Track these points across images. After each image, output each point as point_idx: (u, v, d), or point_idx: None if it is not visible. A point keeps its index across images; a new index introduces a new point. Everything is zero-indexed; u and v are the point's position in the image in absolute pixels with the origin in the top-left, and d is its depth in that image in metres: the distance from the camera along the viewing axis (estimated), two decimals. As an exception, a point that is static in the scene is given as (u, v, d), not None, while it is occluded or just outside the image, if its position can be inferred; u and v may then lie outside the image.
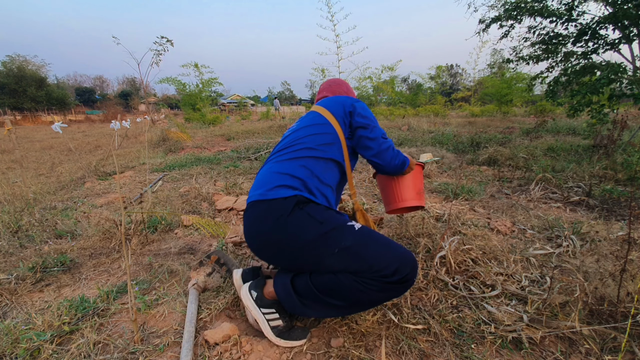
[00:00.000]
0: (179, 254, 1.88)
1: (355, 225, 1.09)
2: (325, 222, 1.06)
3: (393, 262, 1.01)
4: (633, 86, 3.99)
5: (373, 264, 1.00)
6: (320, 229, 1.05)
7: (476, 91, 19.76)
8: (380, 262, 1.01)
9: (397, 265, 1.00)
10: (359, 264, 1.01)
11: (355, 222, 1.11)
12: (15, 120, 19.32)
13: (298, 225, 1.05)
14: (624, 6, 3.98)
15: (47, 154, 6.23)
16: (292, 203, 1.08)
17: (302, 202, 1.10)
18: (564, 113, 7.92)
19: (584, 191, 2.72)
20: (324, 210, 1.11)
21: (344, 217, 1.12)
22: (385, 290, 1.03)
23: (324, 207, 1.12)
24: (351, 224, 1.09)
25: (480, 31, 5.62)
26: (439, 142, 5.75)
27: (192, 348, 1.09)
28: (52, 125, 2.51)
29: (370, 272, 1.00)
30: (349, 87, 1.59)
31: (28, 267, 1.67)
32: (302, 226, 1.05)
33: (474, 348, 1.10)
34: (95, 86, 64.74)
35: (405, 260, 1.03)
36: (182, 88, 13.07)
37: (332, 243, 1.04)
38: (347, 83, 1.59)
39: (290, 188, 1.12)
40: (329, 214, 1.10)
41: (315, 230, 1.05)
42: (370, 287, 1.01)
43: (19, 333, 1.19)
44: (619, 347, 1.06)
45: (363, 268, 1.01)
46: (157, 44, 10.92)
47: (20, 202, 2.78)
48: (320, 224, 1.05)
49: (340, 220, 1.09)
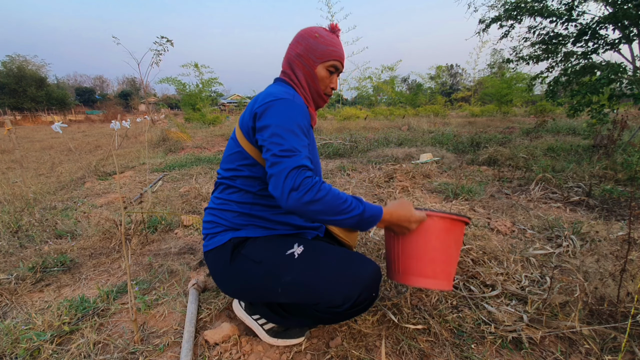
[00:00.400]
0: (179, 254, 1.88)
1: (295, 253, 0.98)
2: (263, 261, 0.99)
3: (339, 290, 0.90)
4: (633, 86, 3.99)
5: (318, 299, 0.93)
6: (260, 269, 0.98)
7: (476, 91, 19.78)
8: (325, 293, 0.92)
9: (344, 292, 0.90)
10: (304, 299, 0.95)
11: (296, 247, 0.99)
12: (15, 120, 19.32)
13: (240, 270, 1.01)
14: (624, 6, 3.98)
15: (47, 154, 6.23)
16: (230, 249, 1.03)
17: (239, 244, 1.04)
18: (564, 113, 7.93)
19: (584, 191, 2.72)
20: (264, 243, 1.03)
21: (286, 244, 1.01)
22: (341, 317, 0.98)
23: (264, 239, 1.04)
24: (290, 253, 0.98)
25: (480, 31, 5.63)
26: (439, 142, 5.75)
27: (192, 348, 1.09)
28: (52, 125, 2.51)
29: (317, 306, 0.95)
30: (308, 44, 1.03)
31: (28, 267, 1.67)
32: (244, 271, 1.01)
33: (474, 348, 1.10)
34: (95, 86, 64.79)
35: (353, 284, 0.91)
36: (182, 88, 13.09)
37: (274, 282, 0.96)
38: (306, 36, 1.04)
39: (220, 233, 1.07)
40: (268, 247, 1.02)
41: (256, 272, 0.99)
42: (326, 316, 0.97)
43: (19, 333, 1.19)
44: (619, 347, 1.06)
45: (309, 302, 0.95)
46: (157, 44, 10.93)
47: (20, 202, 2.78)
48: (258, 265, 0.99)
49: (278, 253, 0.99)
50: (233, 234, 1.04)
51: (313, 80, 1.06)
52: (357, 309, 0.94)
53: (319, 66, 1.05)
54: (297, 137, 0.89)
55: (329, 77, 1.07)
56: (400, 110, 14.65)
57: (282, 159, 0.85)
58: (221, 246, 1.04)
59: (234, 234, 1.04)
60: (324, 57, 1.04)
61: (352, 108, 14.81)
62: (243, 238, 1.04)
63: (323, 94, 1.09)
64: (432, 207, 1.07)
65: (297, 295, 0.95)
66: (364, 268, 0.95)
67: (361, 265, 0.96)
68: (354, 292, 0.91)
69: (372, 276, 0.94)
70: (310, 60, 1.05)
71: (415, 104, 16.14)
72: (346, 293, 0.90)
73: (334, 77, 1.10)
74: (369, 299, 0.95)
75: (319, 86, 1.07)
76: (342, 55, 1.08)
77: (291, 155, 0.86)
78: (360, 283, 0.92)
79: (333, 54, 1.05)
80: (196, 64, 12.65)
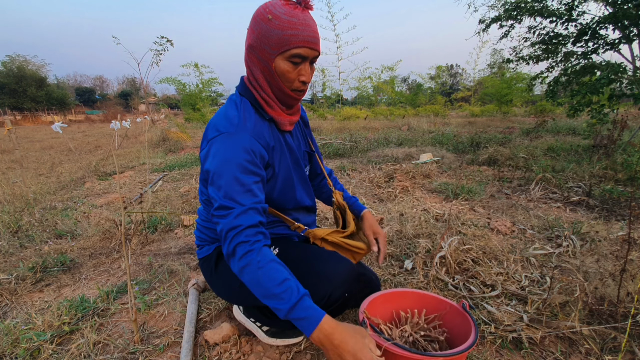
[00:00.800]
0: (179, 254, 1.88)
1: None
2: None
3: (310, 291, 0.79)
4: (633, 86, 3.99)
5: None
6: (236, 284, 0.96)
7: (476, 91, 19.77)
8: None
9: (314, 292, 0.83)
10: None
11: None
12: (15, 120, 19.32)
13: (223, 277, 1.03)
14: (624, 6, 3.98)
15: (47, 154, 6.23)
16: (214, 258, 1.06)
17: (221, 253, 1.05)
18: (564, 113, 7.92)
19: (584, 191, 2.72)
20: None
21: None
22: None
23: None
24: None
25: (480, 31, 5.63)
26: (439, 142, 5.75)
27: (192, 348, 1.09)
28: (52, 125, 2.51)
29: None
30: (260, 31, 0.81)
31: (28, 267, 1.67)
32: (225, 278, 1.02)
33: (474, 348, 1.10)
34: (95, 86, 64.78)
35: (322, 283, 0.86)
36: (182, 88, 13.10)
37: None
38: (258, 20, 0.81)
39: (207, 245, 1.10)
40: None
41: (234, 278, 0.94)
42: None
43: (19, 333, 1.18)
44: (619, 347, 1.06)
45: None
46: (157, 44, 10.92)
47: (20, 202, 2.78)
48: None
49: None
50: (219, 244, 1.07)
51: (272, 78, 0.85)
52: (329, 309, 0.88)
53: (276, 59, 0.82)
54: (236, 184, 0.79)
55: (294, 69, 0.84)
56: (400, 110, 14.64)
57: (219, 219, 0.80)
58: (209, 255, 1.09)
59: (220, 243, 1.07)
60: (281, 46, 0.80)
61: (352, 108, 14.80)
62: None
63: (290, 92, 0.88)
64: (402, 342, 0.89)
65: None
66: (336, 266, 0.89)
67: (334, 264, 0.89)
68: (324, 292, 0.85)
69: (344, 274, 0.88)
70: (265, 52, 0.82)
71: (415, 104, 16.14)
72: (316, 292, 0.84)
73: (303, 67, 0.85)
74: (341, 299, 0.89)
75: (281, 83, 0.86)
76: (309, 39, 0.80)
77: (226, 214, 0.79)
78: (331, 282, 0.86)
79: (293, 39, 0.79)
80: (196, 64, 12.65)
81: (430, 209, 2.37)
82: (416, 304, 1.03)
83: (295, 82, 0.86)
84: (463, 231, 1.96)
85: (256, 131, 0.87)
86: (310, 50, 0.82)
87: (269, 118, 0.93)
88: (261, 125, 0.91)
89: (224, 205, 0.79)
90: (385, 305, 1.02)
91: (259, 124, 0.90)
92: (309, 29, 0.80)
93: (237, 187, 0.80)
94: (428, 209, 2.38)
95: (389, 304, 1.03)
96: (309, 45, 0.81)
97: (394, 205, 2.52)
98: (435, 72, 17.96)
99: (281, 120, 0.94)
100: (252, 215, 0.80)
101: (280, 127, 0.96)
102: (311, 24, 0.81)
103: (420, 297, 1.04)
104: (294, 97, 0.90)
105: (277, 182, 0.97)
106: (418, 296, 1.05)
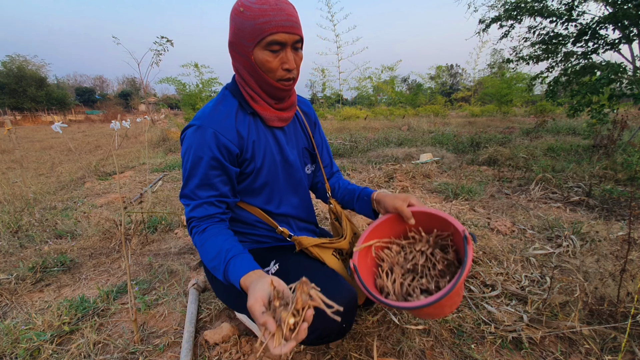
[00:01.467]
0: (179, 254, 1.88)
1: (270, 272, 0.93)
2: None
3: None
4: (633, 86, 3.99)
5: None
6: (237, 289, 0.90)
7: (476, 91, 19.78)
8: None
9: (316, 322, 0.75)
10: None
11: (272, 266, 0.93)
12: (15, 120, 19.32)
13: (222, 285, 1.00)
14: (624, 6, 3.98)
15: (47, 154, 6.23)
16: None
17: None
18: (564, 113, 7.93)
19: (584, 191, 2.72)
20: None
21: (264, 261, 0.96)
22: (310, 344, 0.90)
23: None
24: (265, 271, 0.92)
25: (480, 31, 5.63)
26: (439, 142, 5.75)
27: (192, 348, 1.09)
28: (52, 125, 2.51)
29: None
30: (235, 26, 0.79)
31: (28, 267, 1.67)
32: (224, 287, 0.99)
33: (474, 348, 1.10)
34: (95, 86, 64.81)
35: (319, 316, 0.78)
36: (182, 88, 13.08)
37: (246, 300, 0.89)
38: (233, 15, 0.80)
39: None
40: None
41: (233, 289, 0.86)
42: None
43: (19, 333, 1.19)
44: (619, 347, 1.06)
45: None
46: (157, 43, 10.94)
47: (20, 202, 2.78)
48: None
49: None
50: None
51: (255, 71, 0.82)
52: (324, 340, 0.84)
53: (254, 50, 0.79)
54: (194, 178, 0.85)
55: (274, 58, 0.80)
56: (400, 110, 14.65)
57: (185, 206, 0.90)
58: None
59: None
60: (256, 35, 0.77)
61: (352, 108, 14.81)
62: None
63: (275, 83, 0.84)
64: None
65: None
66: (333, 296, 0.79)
67: (334, 291, 0.80)
68: (320, 325, 0.78)
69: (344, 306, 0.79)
70: (243, 46, 0.80)
71: (415, 104, 16.14)
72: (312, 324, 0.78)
73: (284, 54, 0.80)
74: (338, 331, 0.82)
75: (265, 75, 0.82)
76: (283, 23, 0.76)
77: (185, 204, 0.89)
78: (328, 327, 0.79)
79: (266, 27, 0.75)
80: (196, 64, 12.64)
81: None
82: (424, 224, 0.92)
83: (278, 71, 0.82)
84: (463, 231, 1.96)
85: (225, 124, 0.85)
86: (287, 34, 0.77)
87: (251, 112, 0.90)
88: (241, 119, 0.89)
89: (185, 194, 0.88)
90: (388, 231, 0.94)
91: (231, 117, 0.87)
92: (282, 13, 0.76)
93: (196, 181, 0.85)
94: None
95: (392, 228, 0.95)
96: (284, 30, 0.76)
97: (394, 205, 2.52)
98: (435, 72, 17.97)
99: (267, 116, 0.91)
100: (206, 209, 0.87)
101: (266, 122, 0.92)
102: (285, 8, 0.77)
103: (429, 216, 0.90)
104: (281, 88, 0.86)
105: (259, 176, 0.94)
106: (425, 216, 0.91)
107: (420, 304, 0.73)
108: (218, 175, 0.86)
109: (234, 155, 0.87)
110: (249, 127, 0.90)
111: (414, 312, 0.92)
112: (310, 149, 1.10)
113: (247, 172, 0.92)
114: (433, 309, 0.79)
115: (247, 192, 0.96)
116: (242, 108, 0.91)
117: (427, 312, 0.84)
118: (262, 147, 0.93)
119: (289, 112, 0.96)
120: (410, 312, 0.83)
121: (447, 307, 0.85)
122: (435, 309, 0.82)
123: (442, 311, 0.86)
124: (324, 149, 1.16)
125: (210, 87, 13.56)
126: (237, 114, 0.89)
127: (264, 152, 0.93)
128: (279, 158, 0.97)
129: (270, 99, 0.90)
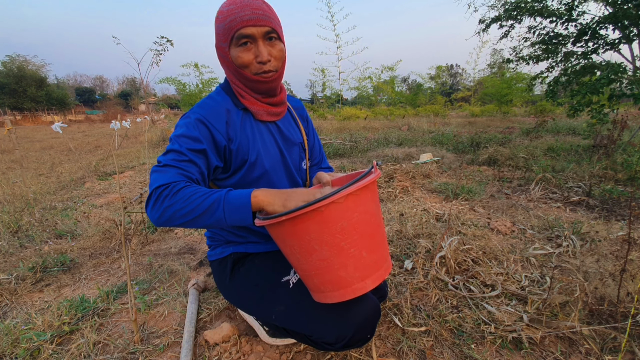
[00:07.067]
0: (179, 254, 1.88)
1: (291, 281, 0.93)
2: (259, 284, 0.97)
3: (332, 329, 0.83)
4: (633, 86, 3.99)
5: (312, 332, 0.87)
6: (255, 293, 0.96)
7: (476, 91, 19.77)
8: (318, 329, 0.85)
9: (336, 332, 0.83)
10: (296, 328, 0.90)
11: (292, 275, 0.94)
12: (15, 120, 19.33)
13: (239, 289, 1.01)
14: (624, 6, 3.98)
15: (47, 154, 6.23)
16: (230, 265, 1.03)
17: (239, 260, 1.03)
18: (564, 113, 7.93)
19: (584, 191, 2.72)
20: (263, 263, 1.01)
21: (284, 269, 0.97)
22: (333, 350, 0.93)
23: (264, 257, 1.03)
24: (286, 280, 0.93)
25: (480, 31, 5.64)
26: (439, 142, 5.75)
27: (192, 348, 1.09)
28: (52, 125, 2.51)
29: (311, 338, 0.89)
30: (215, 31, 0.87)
31: (28, 267, 1.67)
32: (242, 291, 1.00)
33: (474, 348, 1.10)
34: (95, 86, 64.77)
35: (347, 324, 0.83)
36: (182, 88, 13.07)
37: (267, 308, 0.94)
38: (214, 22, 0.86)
39: (220, 246, 1.07)
40: (266, 269, 0.99)
41: (252, 295, 0.97)
42: (319, 346, 0.90)
43: (19, 333, 1.19)
44: (619, 347, 1.06)
45: (303, 333, 0.90)
46: (157, 44, 10.93)
47: (20, 202, 2.78)
48: (254, 288, 0.97)
49: (274, 278, 0.95)
50: (234, 249, 1.05)
51: (235, 69, 0.87)
52: (350, 347, 0.88)
53: (230, 50, 0.84)
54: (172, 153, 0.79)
55: (247, 52, 0.82)
56: (400, 110, 14.64)
57: (153, 180, 0.80)
58: (222, 259, 1.07)
59: (235, 248, 1.05)
60: (227, 35, 0.82)
61: (352, 108, 14.80)
62: (243, 254, 1.04)
63: (252, 76, 0.86)
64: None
65: (289, 324, 0.91)
66: (361, 307, 0.85)
67: (359, 303, 0.85)
68: (347, 333, 0.83)
69: (369, 317, 0.86)
70: (221, 49, 0.86)
71: (415, 104, 16.13)
72: (339, 333, 0.83)
73: (255, 48, 0.82)
74: (363, 339, 0.87)
75: (242, 71, 0.86)
76: (247, 17, 0.79)
77: (153, 180, 0.77)
78: (355, 323, 0.83)
79: (233, 24, 0.80)
80: (196, 64, 12.64)
81: (430, 209, 2.37)
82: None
83: (252, 65, 0.84)
84: (463, 231, 1.96)
85: (216, 111, 0.87)
86: (254, 27, 0.79)
87: (242, 107, 0.93)
88: (233, 113, 0.91)
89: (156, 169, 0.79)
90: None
91: (222, 110, 0.88)
92: (247, 8, 0.79)
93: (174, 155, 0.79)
94: (428, 209, 2.38)
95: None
96: (250, 24, 0.79)
97: (394, 205, 2.52)
98: (435, 72, 17.96)
99: (255, 110, 0.93)
100: (179, 175, 0.77)
101: (256, 116, 0.94)
102: (250, 3, 0.80)
103: (348, 177, 0.92)
104: (260, 81, 0.87)
105: (253, 170, 0.93)
106: (346, 179, 0.92)
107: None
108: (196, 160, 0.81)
109: (220, 146, 0.86)
110: (242, 121, 0.92)
111: (284, 237, 0.73)
112: (304, 145, 1.11)
113: (237, 165, 0.92)
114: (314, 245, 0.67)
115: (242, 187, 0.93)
116: (234, 105, 0.93)
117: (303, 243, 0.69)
118: (256, 142, 0.94)
119: (279, 107, 0.98)
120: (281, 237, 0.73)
121: (337, 257, 0.69)
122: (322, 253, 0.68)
123: (331, 263, 0.70)
124: (316, 145, 1.18)
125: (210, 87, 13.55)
126: (229, 109, 0.91)
127: (258, 147, 0.94)
128: (274, 152, 0.98)
129: (256, 93, 0.92)
